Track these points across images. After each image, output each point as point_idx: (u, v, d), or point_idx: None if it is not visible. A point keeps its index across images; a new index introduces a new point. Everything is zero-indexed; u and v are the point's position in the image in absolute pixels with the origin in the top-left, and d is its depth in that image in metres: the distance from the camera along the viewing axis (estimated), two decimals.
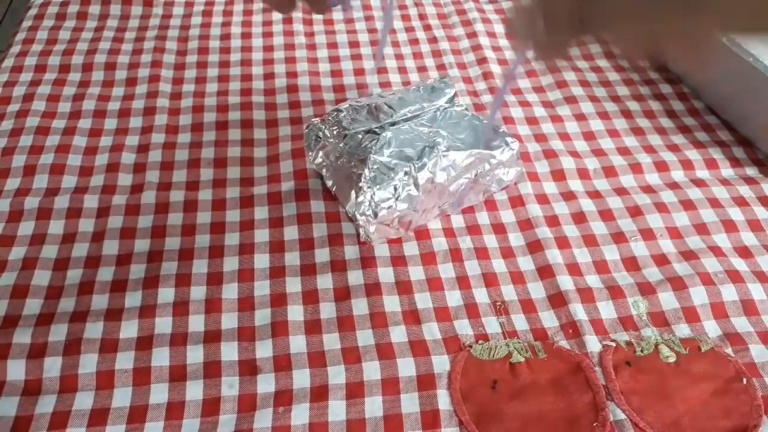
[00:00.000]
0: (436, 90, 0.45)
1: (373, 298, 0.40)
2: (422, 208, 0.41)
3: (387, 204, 0.39)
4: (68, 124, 0.51)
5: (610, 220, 0.45)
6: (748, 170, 0.49)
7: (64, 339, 0.37)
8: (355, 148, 0.41)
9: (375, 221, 0.40)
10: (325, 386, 0.35)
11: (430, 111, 0.44)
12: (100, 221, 0.44)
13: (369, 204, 0.39)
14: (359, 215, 0.40)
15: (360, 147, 0.41)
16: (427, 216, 0.43)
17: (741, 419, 0.34)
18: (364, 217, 0.39)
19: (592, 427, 0.34)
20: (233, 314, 0.39)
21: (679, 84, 0.56)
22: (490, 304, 0.40)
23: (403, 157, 0.40)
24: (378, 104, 0.44)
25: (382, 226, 0.40)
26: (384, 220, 0.40)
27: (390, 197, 0.39)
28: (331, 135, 0.43)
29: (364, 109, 0.44)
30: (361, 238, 0.42)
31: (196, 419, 0.34)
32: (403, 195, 0.40)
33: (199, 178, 0.47)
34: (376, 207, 0.39)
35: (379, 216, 0.39)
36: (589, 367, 0.36)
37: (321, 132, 0.44)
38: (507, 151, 0.43)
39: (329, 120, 0.44)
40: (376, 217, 0.39)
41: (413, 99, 0.44)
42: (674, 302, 0.40)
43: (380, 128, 0.42)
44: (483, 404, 0.35)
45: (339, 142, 0.42)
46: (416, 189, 0.40)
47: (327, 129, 0.43)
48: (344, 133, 0.42)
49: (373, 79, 0.56)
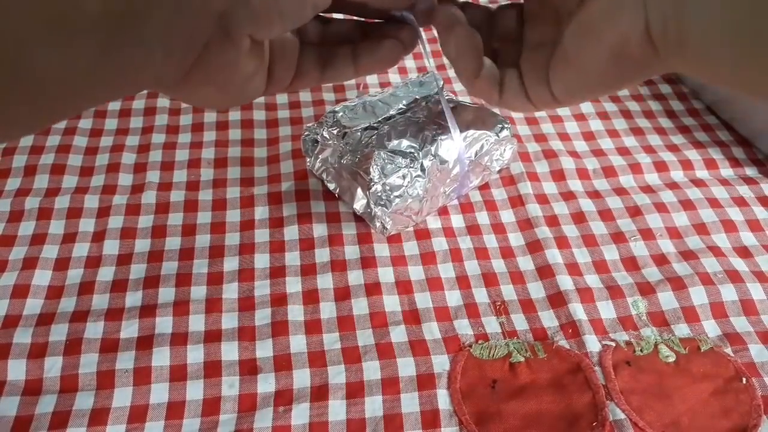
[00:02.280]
0: (424, 84, 0.47)
1: (373, 298, 0.40)
2: (431, 195, 0.42)
3: (399, 192, 0.40)
4: (68, 124, 0.51)
5: (609, 220, 0.45)
6: (747, 170, 0.49)
7: (64, 339, 0.37)
8: (357, 144, 0.42)
9: (390, 210, 0.40)
10: (326, 386, 0.35)
11: (423, 102, 0.45)
12: (101, 221, 0.44)
13: (382, 194, 0.40)
14: (374, 207, 0.40)
15: (361, 143, 0.42)
16: (436, 203, 0.43)
17: (740, 419, 0.34)
18: (379, 208, 0.40)
19: (591, 427, 0.34)
20: (233, 314, 0.39)
21: (679, 84, 0.56)
22: (489, 304, 0.40)
23: (406, 146, 0.41)
24: (372, 102, 0.44)
25: (397, 215, 0.41)
26: (398, 208, 0.40)
27: (401, 185, 0.40)
28: (330, 136, 0.43)
29: (359, 107, 0.44)
30: (378, 231, 0.42)
31: (196, 419, 0.34)
32: (413, 181, 0.40)
33: (199, 178, 0.47)
34: (389, 196, 0.40)
35: (393, 205, 0.40)
36: (588, 366, 0.36)
37: (319, 135, 0.44)
38: (503, 130, 0.44)
39: (327, 122, 0.44)
40: (391, 206, 0.40)
41: (405, 93, 0.46)
42: (674, 302, 0.40)
43: (378, 123, 0.43)
44: (483, 404, 0.35)
45: (339, 142, 0.43)
46: (424, 174, 0.40)
47: (326, 131, 0.43)
48: (344, 132, 0.43)
49: (373, 79, 0.56)
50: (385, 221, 0.41)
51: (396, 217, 0.41)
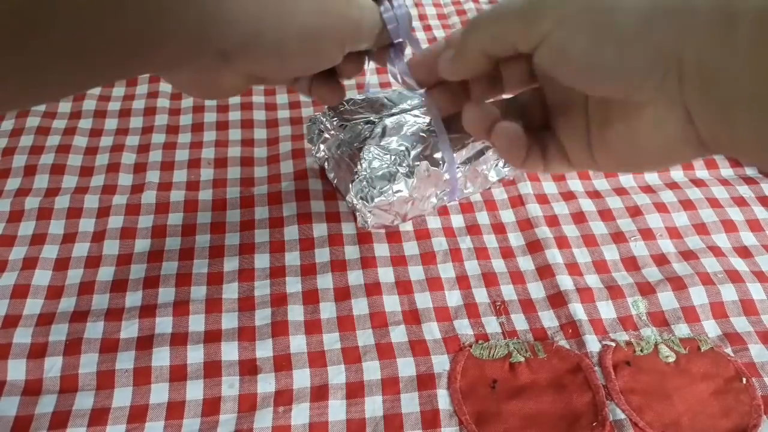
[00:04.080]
0: None
1: (373, 298, 0.40)
2: (419, 195, 0.42)
3: (384, 188, 0.40)
4: (69, 124, 0.51)
5: (609, 220, 0.45)
6: (747, 170, 0.49)
7: (64, 339, 0.37)
8: (354, 137, 0.42)
9: (371, 205, 0.40)
10: (326, 386, 0.35)
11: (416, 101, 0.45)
12: (101, 221, 0.44)
13: (365, 188, 0.40)
14: (356, 200, 0.40)
15: (358, 136, 0.42)
16: (425, 205, 0.43)
17: (740, 419, 0.34)
18: (360, 201, 0.40)
19: (591, 427, 0.34)
20: (233, 314, 0.39)
21: None
22: (489, 304, 0.40)
23: (399, 145, 0.41)
24: (378, 98, 0.45)
25: (379, 210, 0.41)
26: (380, 204, 0.40)
27: (386, 182, 0.40)
28: (332, 127, 0.43)
29: (365, 102, 0.44)
30: (359, 224, 0.42)
31: (196, 419, 0.34)
32: (399, 180, 0.40)
33: (199, 178, 0.47)
34: (372, 191, 0.40)
35: (375, 200, 0.40)
36: (588, 366, 0.36)
37: (323, 125, 0.44)
38: None
39: (329, 113, 0.44)
40: (372, 201, 0.40)
41: (412, 93, 0.45)
42: (674, 302, 0.40)
43: (379, 119, 0.43)
44: (483, 404, 0.35)
45: (339, 132, 0.43)
46: (411, 175, 0.40)
47: (328, 121, 0.44)
48: (344, 124, 0.43)
49: (373, 78, 0.56)
50: (365, 215, 0.41)
51: (378, 213, 0.41)
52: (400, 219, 0.43)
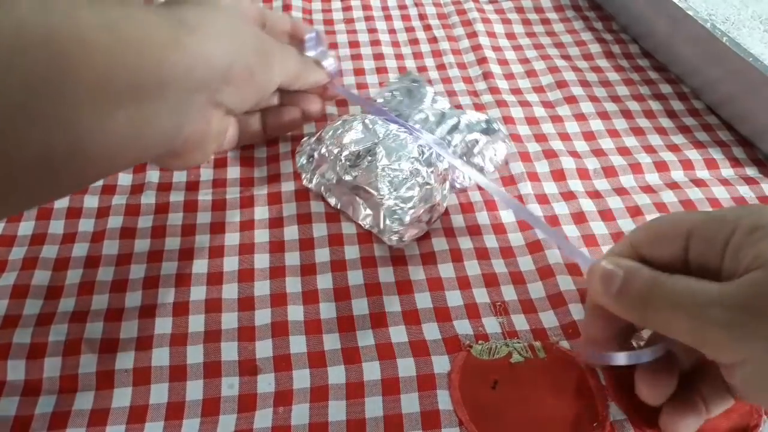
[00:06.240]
0: (413, 93, 0.47)
1: (373, 298, 0.40)
2: (437, 200, 0.42)
3: (411, 203, 0.40)
4: None
5: (610, 220, 0.45)
6: (748, 170, 0.49)
7: (64, 339, 0.37)
8: (356, 159, 0.41)
9: (408, 223, 0.40)
10: (325, 386, 0.35)
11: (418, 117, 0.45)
12: (100, 221, 0.44)
13: (396, 208, 0.40)
14: (389, 222, 0.40)
15: (361, 158, 0.41)
16: (442, 207, 0.43)
17: (741, 419, 0.34)
18: (395, 222, 0.40)
19: (591, 427, 0.34)
20: (233, 314, 0.39)
21: (679, 84, 0.56)
22: (489, 304, 0.40)
23: (408, 158, 0.41)
24: (371, 118, 0.44)
25: (412, 227, 0.41)
26: (413, 219, 0.40)
27: (412, 196, 0.40)
28: (328, 152, 0.43)
29: (357, 122, 0.44)
30: (394, 245, 0.41)
31: (196, 419, 0.34)
32: (421, 190, 0.40)
33: (199, 178, 0.47)
34: (404, 208, 0.40)
35: (409, 217, 0.40)
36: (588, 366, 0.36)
37: (316, 152, 0.44)
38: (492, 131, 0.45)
39: (323, 137, 0.44)
40: (407, 218, 0.40)
41: (401, 108, 0.46)
42: None
43: (378, 139, 0.42)
44: (483, 404, 0.35)
45: (338, 158, 0.42)
46: (430, 182, 0.41)
47: (324, 147, 0.43)
48: (341, 148, 0.42)
49: (372, 79, 0.56)
50: (402, 234, 0.40)
51: (411, 230, 0.41)
52: (425, 227, 0.42)
